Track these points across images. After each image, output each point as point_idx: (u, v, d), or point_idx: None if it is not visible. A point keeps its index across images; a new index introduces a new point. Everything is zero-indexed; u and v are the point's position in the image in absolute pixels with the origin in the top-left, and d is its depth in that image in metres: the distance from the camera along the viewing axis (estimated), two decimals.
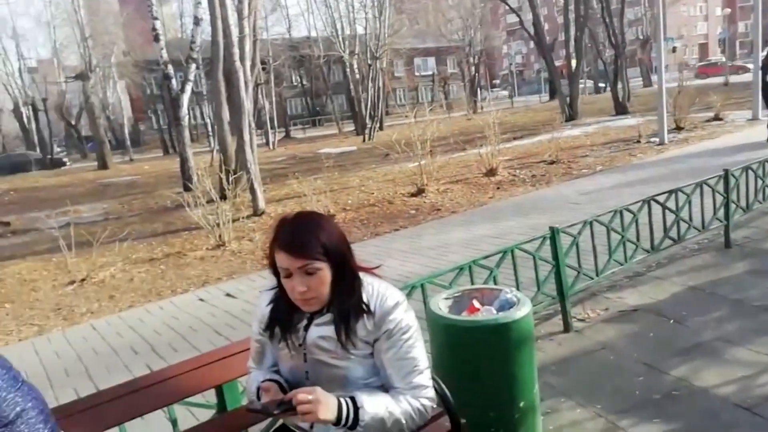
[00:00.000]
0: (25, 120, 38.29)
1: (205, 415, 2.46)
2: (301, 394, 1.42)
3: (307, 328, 1.59)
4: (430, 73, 52.07)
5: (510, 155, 12.89)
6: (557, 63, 27.88)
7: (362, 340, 1.55)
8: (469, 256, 3.52)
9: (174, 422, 2.31)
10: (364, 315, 1.55)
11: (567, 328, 3.68)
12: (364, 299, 1.56)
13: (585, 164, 10.89)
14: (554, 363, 3.26)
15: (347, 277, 1.55)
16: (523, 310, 2.37)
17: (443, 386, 1.90)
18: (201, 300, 5.53)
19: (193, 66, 14.20)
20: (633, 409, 2.72)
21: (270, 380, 1.62)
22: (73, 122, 39.07)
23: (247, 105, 10.48)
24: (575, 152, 12.43)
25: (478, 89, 43.69)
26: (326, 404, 1.44)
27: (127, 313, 5.47)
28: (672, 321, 3.62)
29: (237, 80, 10.13)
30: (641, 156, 11.00)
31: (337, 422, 1.46)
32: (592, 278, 3.96)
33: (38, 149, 36.28)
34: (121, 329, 4.98)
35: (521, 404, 2.38)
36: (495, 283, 3.25)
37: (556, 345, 3.50)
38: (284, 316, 1.60)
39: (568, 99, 22.21)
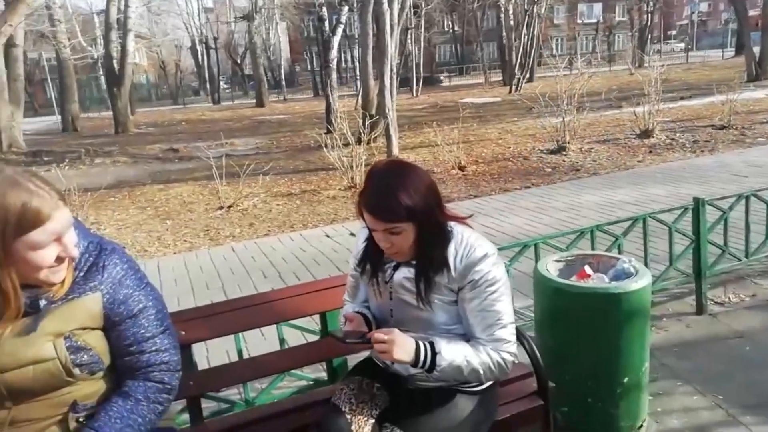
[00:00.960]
0: (199, 57, 42.15)
1: (310, 338, 2.61)
2: (378, 334, 1.48)
3: (396, 267, 1.63)
4: (594, 21, 47.77)
5: (671, 116, 11.64)
6: (751, 13, 24.10)
7: (446, 287, 1.57)
8: (600, 221, 3.28)
9: (282, 341, 2.51)
10: (446, 267, 1.55)
11: (700, 310, 3.34)
12: (452, 248, 1.56)
13: (763, 132, 9.51)
14: (678, 345, 3.01)
15: (432, 232, 1.54)
16: (639, 283, 2.21)
17: (534, 346, 1.87)
18: (327, 236, 5.82)
19: (346, 8, 14.41)
20: (761, 407, 2.42)
21: (357, 312, 1.69)
22: (238, 61, 42.21)
23: (391, 49, 10.49)
24: (754, 117, 10.89)
25: (648, 40, 39.15)
26: (402, 346, 1.48)
27: (262, 240, 5.94)
28: None
29: (384, 23, 10.15)
30: None
31: (414, 364, 1.50)
32: (740, 259, 3.53)
33: (207, 85, 39.85)
34: (255, 254, 5.43)
35: (625, 380, 2.26)
36: (619, 253, 3.01)
37: (683, 326, 3.22)
38: (375, 255, 1.65)
39: (757, 55, 19.25)
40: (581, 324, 2.26)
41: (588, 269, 2.40)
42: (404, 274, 1.61)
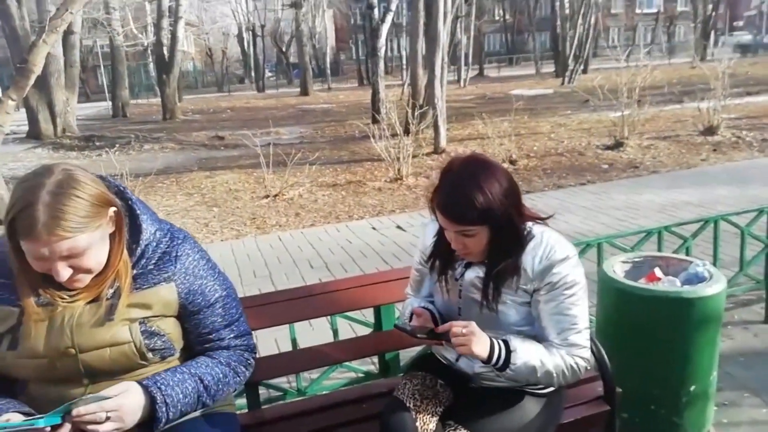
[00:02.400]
0: (245, 45, 42.62)
1: (363, 331, 2.58)
2: (457, 327, 1.44)
3: (467, 265, 1.58)
4: (654, 10, 45.78)
5: (738, 113, 11.03)
6: None
7: (521, 288, 1.51)
8: (661, 222, 3.13)
9: (335, 332, 2.49)
10: (519, 272, 1.49)
11: None
12: (531, 249, 1.50)
13: None
14: (744, 354, 2.87)
15: (508, 236, 1.48)
16: (714, 288, 2.09)
17: (602, 351, 1.81)
18: (374, 228, 5.77)
19: None
20: None
21: (425, 308, 1.65)
22: (284, 49, 42.48)
23: (443, 38, 10.28)
24: None
25: (712, 32, 37.10)
26: (480, 339, 1.44)
27: (309, 230, 5.93)
28: None
29: (436, 11, 9.96)
30: None
31: (488, 360, 1.45)
32: None
33: (252, 72, 40.21)
34: (302, 244, 5.42)
35: (692, 388, 2.16)
36: (687, 255, 2.85)
37: (750, 335, 3.06)
38: (446, 252, 1.60)
39: None
40: (649, 328, 2.16)
41: (658, 272, 2.30)
42: (476, 273, 1.56)
